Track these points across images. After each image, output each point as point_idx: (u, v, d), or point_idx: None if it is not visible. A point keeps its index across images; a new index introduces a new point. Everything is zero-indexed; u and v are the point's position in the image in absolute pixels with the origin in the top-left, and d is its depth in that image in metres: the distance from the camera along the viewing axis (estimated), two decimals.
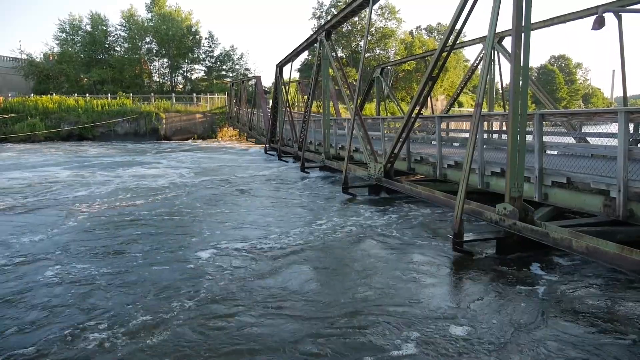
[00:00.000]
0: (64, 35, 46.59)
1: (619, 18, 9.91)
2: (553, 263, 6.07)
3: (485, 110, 11.36)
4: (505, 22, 6.58)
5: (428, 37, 60.43)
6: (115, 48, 48.97)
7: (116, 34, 48.87)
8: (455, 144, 12.79)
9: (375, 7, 44.69)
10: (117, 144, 30.59)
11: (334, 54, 14.46)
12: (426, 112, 17.38)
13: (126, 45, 48.52)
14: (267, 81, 56.54)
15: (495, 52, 13.64)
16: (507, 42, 13.18)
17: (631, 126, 6.80)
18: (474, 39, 15.64)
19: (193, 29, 49.78)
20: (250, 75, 44.81)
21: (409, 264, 6.15)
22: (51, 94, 37.94)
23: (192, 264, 6.12)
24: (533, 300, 4.89)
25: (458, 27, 7.51)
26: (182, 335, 4.13)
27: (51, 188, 12.80)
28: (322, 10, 53.59)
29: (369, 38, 47.65)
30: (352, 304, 4.79)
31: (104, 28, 47.65)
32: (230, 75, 51.15)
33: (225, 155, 24.27)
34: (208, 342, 4.02)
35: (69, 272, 5.81)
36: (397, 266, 6.05)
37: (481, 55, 15.03)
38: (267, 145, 24.02)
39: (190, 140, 36.76)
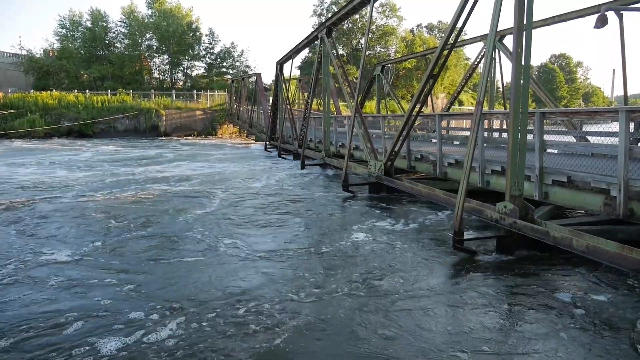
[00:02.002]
0: (64, 31, 46.55)
1: (620, 17, 9.91)
2: (553, 261, 6.07)
3: (485, 108, 11.36)
4: (507, 20, 6.58)
5: (429, 35, 60.42)
6: (116, 44, 48.94)
7: (116, 30, 48.87)
8: (455, 143, 12.80)
9: (376, 4, 44.81)
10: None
11: (334, 51, 14.45)
12: (427, 110, 17.41)
13: (126, 41, 48.46)
14: (268, 78, 56.63)
15: (496, 51, 13.65)
16: (508, 41, 13.24)
17: (632, 125, 6.80)
18: (475, 37, 15.64)
19: (193, 26, 49.71)
20: (250, 73, 44.77)
21: (409, 262, 6.15)
22: (51, 90, 37.90)
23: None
24: (532, 299, 4.90)
25: (459, 25, 7.49)
26: None
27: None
28: (322, 7, 53.62)
29: (369, 36, 47.62)
30: (352, 303, 4.80)
31: (104, 24, 47.58)
32: (231, 72, 51.07)
33: (225, 152, 24.27)
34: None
35: None
36: (397, 264, 6.05)
37: (482, 54, 15.02)
38: (267, 143, 24.02)
39: (191, 137, 36.78)
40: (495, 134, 12.28)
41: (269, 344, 3.91)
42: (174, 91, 42.34)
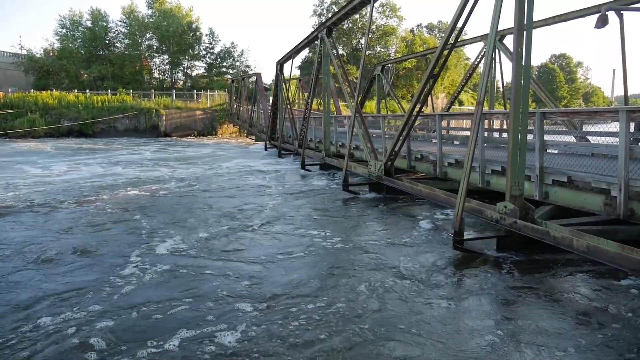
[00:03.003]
0: (64, 31, 46.62)
1: (621, 17, 9.91)
2: (553, 261, 6.07)
3: (485, 108, 11.36)
4: (507, 20, 6.58)
5: (429, 35, 60.41)
6: (116, 44, 49.03)
7: (116, 30, 48.97)
8: (455, 142, 12.80)
9: (377, 4, 44.79)
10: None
11: (334, 51, 14.44)
12: (427, 110, 17.40)
13: (126, 41, 48.53)
14: (268, 78, 56.66)
15: (497, 51, 13.65)
16: (508, 40, 13.24)
17: (632, 125, 6.79)
18: (475, 37, 15.65)
19: (194, 26, 49.75)
20: (250, 72, 44.77)
21: (408, 261, 6.15)
22: (51, 90, 37.95)
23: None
24: (530, 299, 4.90)
25: (459, 25, 7.49)
26: None
27: None
28: (322, 7, 53.63)
29: (369, 36, 47.62)
30: (352, 301, 4.80)
31: (105, 24, 47.64)
32: (231, 72, 51.09)
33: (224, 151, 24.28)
34: None
35: None
36: (396, 263, 6.05)
37: (482, 54, 15.02)
38: (267, 143, 24.03)
39: (191, 136, 36.80)
40: (496, 134, 12.28)
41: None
42: (174, 91, 42.36)
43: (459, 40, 8.90)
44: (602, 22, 9.77)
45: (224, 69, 51.94)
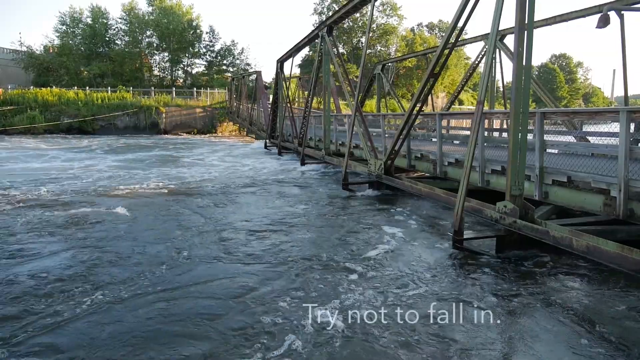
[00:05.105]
0: (64, 27, 46.48)
1: (622, 17, 9.89)
2: (553, 261, 6.07)
3: (486, 108, 11.34)
4: (507, 20, 6.57)
5: (429, 35, 60.31)
6: (116, 41, 48.87)
7: (117, 27, 48.78)
8: (455, 142, 12.78)
9: (377, 3, 44.70)
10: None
11: (335, 49, 14.41)
12: (427, 109, 17.38)
13: (127, 38, 48.41)
14: (268, 76, 56.53)
15: (497, 50, 13.63)
16: (509, 40, 13.23)
17: (632, 125, 6.78)
18: (476, 37, 15.63)
19: (194, 23, 49.63)
20: (250, 70, 44.68)
21: (408, 260, 6.16)
22: (51, 87, 37.87)
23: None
24: (530, 299, 4.90)
25: (460, 24, 7.49)
26: None
27: None
28: (323, 5, 53.49)
29: (370, 34, 47.57)
30: (351, 301, 4.80)
31: (105, 21, 47.50)
32: (231, 70, 51.01)
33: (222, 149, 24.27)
34: None
35: None
36: (396, 262, 6.05)
37: (482, 53, 15.01)
38: (267, 141, 24.00)
39: (190, 134, 36.75)
40: (496, 134, 12.27)
41: None
42: (174, 89, 42.26)
43: (459, 39, 8.89)
44: (604, 22, 9.76)
45: (224, 67, 51.86)
